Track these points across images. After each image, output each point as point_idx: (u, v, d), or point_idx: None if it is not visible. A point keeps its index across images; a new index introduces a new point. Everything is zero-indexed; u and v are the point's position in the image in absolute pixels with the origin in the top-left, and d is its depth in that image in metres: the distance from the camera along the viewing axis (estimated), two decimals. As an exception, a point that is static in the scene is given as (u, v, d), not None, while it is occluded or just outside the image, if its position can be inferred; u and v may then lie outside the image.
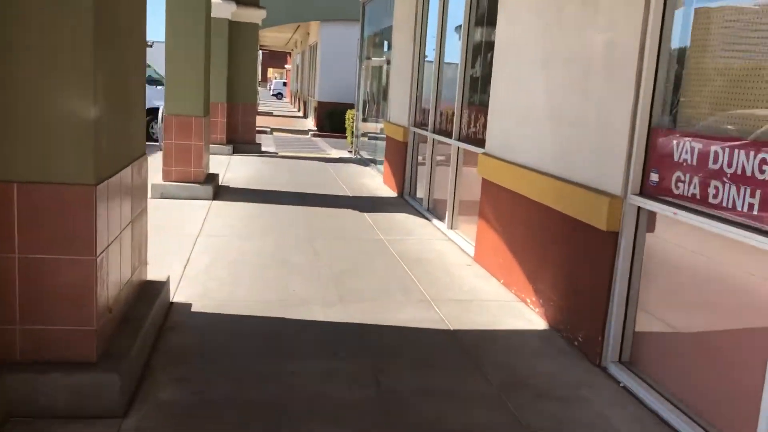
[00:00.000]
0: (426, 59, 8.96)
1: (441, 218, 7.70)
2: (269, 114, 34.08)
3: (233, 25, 13.72)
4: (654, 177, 3.57)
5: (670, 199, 3.44)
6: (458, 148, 7.08)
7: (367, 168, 12.66)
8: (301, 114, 35.47)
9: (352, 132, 15.60)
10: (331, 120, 23.06)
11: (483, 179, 5.94)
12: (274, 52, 70.84)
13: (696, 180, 3.24)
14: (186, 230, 6.68)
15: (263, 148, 15.09)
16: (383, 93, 12.47)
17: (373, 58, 14.29)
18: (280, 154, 14.88)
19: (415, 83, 9.12)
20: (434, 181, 8.25)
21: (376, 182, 10.84)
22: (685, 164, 3.31)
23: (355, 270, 5.63)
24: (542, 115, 4.82)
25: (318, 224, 7.32)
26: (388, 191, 9.96)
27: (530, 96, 5.05)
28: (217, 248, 6.05)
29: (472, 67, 6.93)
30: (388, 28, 11.43)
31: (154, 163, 9.50)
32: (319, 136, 22.69)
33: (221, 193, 8.88)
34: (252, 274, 5.33)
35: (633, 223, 3.75)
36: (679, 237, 3.63)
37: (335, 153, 15.96)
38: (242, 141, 14.22)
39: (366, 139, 14.58)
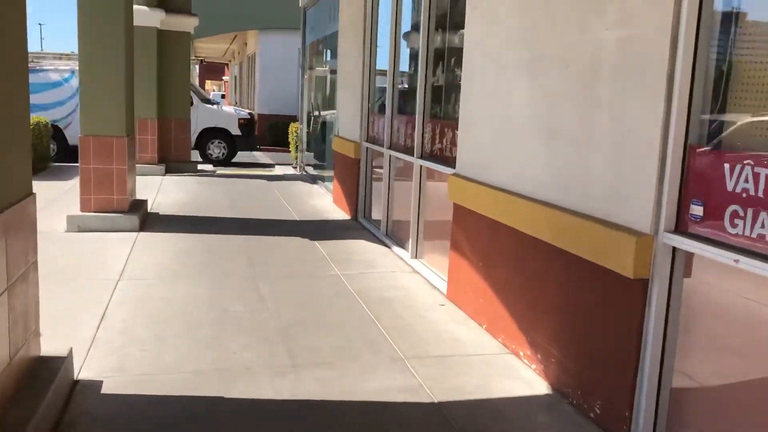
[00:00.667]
0: (378, 67, 8.11)
1: (403, 245, 6.83)
2: (208, 128, 32.76)
3: (163, 35, 12.60)
4: (696, 210, 2.78)
5: (720, 239, 2.65)
6: (421, 166, 6.23)
7: (315, 186, 11.72)
8: (241, 127, 34.22)
9: (297, 147, 14.63)
10: (273, 133, 22.06)
11: (455, 204, 5.10)
12: (212, 63, 68.98)
13: (765, 217, 2.45)
14: (103, 273, 5.62)
15: (200, 167, 13.97)
16: (329, 105, 11.57)
17: (316, 68, 13.37)
18: (218, 172, 13.79)
19: (367, 94, 8.26)
20: (393, 202, 7.39)
21: (326, 202, 9.91)
22: (746, 195, 2.52)
23: (310, 319, 4.70)
24: (529, 129, 4.01)
25: (263, 258, 6.35)
26: (340, 213, 9.04)
27: (512, 107, 4.23)
28: (140, 297, 5.03)
29: (434, 74, 6.11)
30: (333, 34, 10.55)
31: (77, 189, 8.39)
32: (260, 150, 21.63)
33: (150, 222, 7.80)
34: (182, 333, 4.34)
35: (667, 268, 2.95)
36: (726, 282, 2.85)
37: (279, 169, 14.95)
38: (176, 159, 13.07)
39: (312, 154, 13.62)
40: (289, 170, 14.54)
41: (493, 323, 4.45)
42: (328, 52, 12.06)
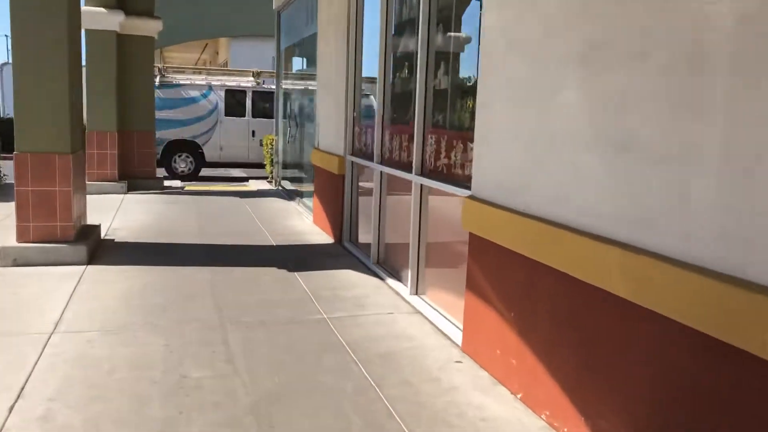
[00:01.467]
0: (365, 70, 7.11)
1: (399, 276, 5.82)
2: (178, 140, 31.55)
3: (123, 40, 11.48)
4: None
5: None
6: (421, 186, 5.23)
7: (292, 203, 10.66)
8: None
9: (272, 160, 13.56)
10: (247, 145, 20.94)
11: (472, 235, 4.10)
12: (184, 74, 67.49)
13: None
14: (35, 324, 4.52)
15: (167, 182, 12.84)
16: (307, 114, 10.54)
17: (293, 74, 12.33)
18: (186, 188, 12.67)
19: (351, 100, 7.24)
20: (385, 225, 6.37)
21: (306, 223, 8.86)
22: None
23: (292, 388, 3.64)
24: (585, 142, 3.03)
25: (232, 297, 5.29)
26: (322, 235, 7.99)
27: (557, 112, 3.25)
28: (75, 359, 3.94)
29: (435, 75, 5.12)
30: (311, 36, 9.54)
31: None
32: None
33: (102, 252, 6.68)
34: (124, 415, 3.26)
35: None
36: None
37: (253, 184, 13.86)
38: (139, 175, 11.92)
39: (288, 167, 12.55)
40: (264, 185, 13.47)
41: (532, 393, 3.44)
42: (306, 57, 11.03)
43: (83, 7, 11.01)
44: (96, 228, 7.08)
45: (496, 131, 3.84)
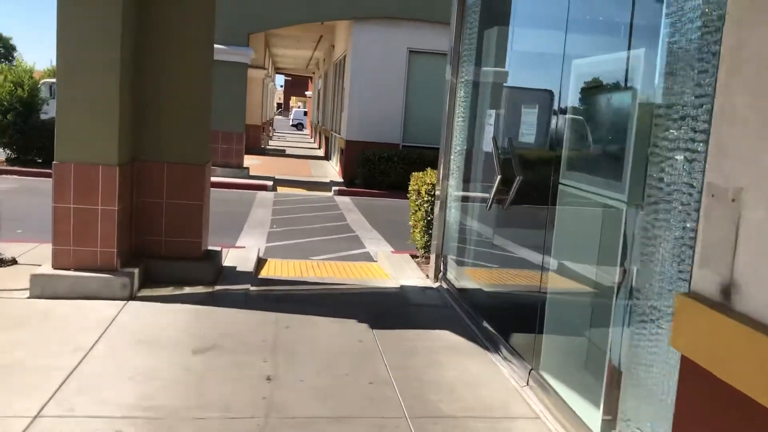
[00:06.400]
0: None
1: None
2: (281, 154, 26.01)
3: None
4: None
5: None
6: None
7: (504, 369, 4.17)
8: (322, 152, 27.32)
9: (426, 221, 7.12)
10: (366, 169, 14.85)
11: None
12: (297, 77, 62.59)
13: None
14: None
15: (229, 260, 6.66)
16: (573, 147, 3.91)
17: (495, 64, 5.76)
18: (261, 276, 6.46)
19: None
20: None
21: None
22: None
23: None
24: None
25: None
26: None
27: None
28: None
29: None
30: None
31: None
32: (347, 193, 14.51)
33: None
34: None
35: None
36: None
37: (386, 265, 7.37)
38: (170, 254, 5.81)
39: (469, 247, 6.06)
40: (408, 273, 6.91)
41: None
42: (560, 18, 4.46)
43: None
44: None
45: None
